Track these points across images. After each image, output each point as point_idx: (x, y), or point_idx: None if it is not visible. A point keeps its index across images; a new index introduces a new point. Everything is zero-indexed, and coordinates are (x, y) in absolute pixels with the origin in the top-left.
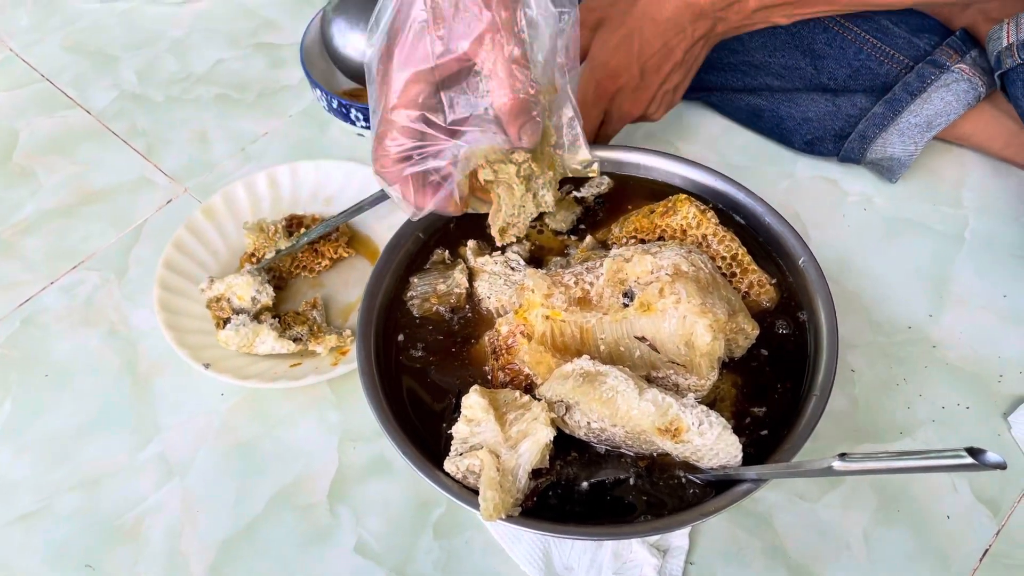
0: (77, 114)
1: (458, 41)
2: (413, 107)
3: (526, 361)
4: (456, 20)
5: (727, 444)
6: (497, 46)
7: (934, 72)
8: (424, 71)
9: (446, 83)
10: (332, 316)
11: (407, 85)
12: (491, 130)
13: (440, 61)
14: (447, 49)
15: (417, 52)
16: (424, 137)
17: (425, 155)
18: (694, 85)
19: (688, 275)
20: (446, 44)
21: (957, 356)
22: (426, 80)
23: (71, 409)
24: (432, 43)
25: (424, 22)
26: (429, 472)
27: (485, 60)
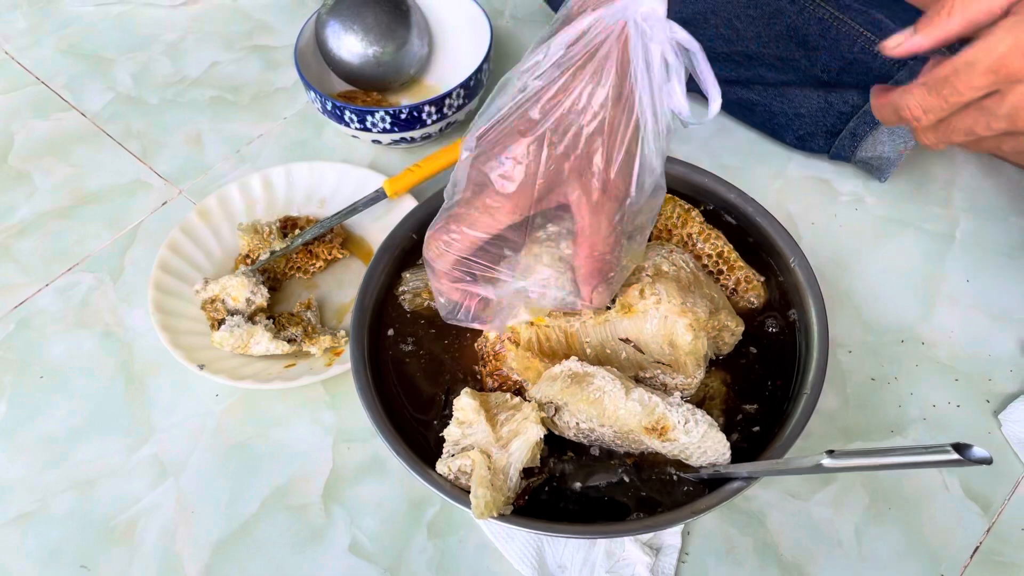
0: (72, 116)
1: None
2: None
3: (514, 367)
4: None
5: (714, 442)
6: (595, 196)
7: None
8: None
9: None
10: (326, 317)
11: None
12: (564, 276)
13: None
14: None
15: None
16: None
17: (483, 277)
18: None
19: (668, 275)
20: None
21: (947, 355)
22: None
23: (66, 410)
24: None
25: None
26: (422, 471)
27: (577, 205)
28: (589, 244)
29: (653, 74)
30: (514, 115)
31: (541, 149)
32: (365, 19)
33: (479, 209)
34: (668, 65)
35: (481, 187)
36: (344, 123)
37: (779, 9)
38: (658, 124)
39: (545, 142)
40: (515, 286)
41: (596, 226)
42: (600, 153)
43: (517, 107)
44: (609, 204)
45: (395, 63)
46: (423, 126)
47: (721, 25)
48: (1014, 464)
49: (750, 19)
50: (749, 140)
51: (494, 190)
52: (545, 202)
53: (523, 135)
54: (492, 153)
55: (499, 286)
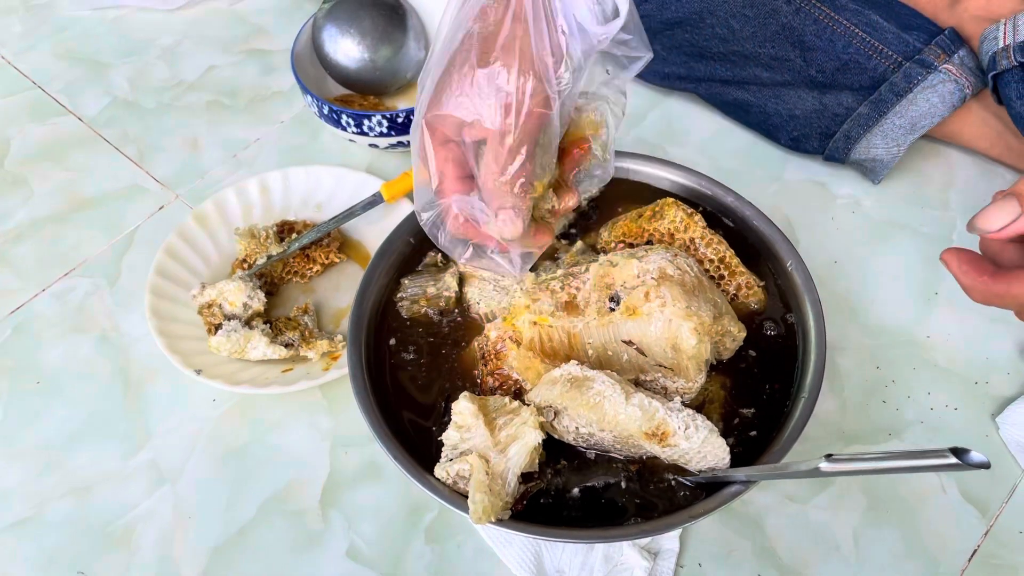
0: (69, 121)
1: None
2: (456, 191)
3: (514, 367)
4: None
5: (714, 447)
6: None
7: (921, 72)
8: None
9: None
10: (324, 321)
11: (444, 164)
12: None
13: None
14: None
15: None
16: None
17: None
18: (683, 75)
19: (673, 278)
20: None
21: (945, 358)
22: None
23: (62, 416)
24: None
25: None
26: (420, 476)
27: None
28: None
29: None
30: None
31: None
32: (362, 23)
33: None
34: None
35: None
36: (341, 127)
37: (775, 9)
38: (553, 33)
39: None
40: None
41: (495, 145)
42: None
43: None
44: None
45: (392, 67)
46: None
47: (718, 25)
48: (1011, 467)
49: (746, 19)
50: (746, 143)
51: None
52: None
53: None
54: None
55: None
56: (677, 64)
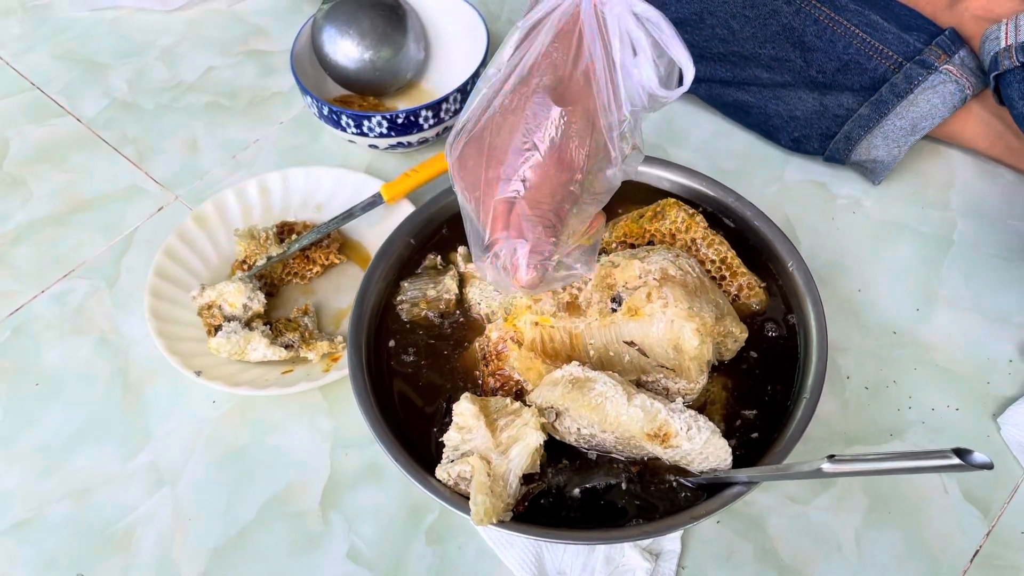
0: (67, 122)
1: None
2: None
3: (516, 367)
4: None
5: (716, 448)
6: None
7: (921, 73)
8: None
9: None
10: (324, 322)
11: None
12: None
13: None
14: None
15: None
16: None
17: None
18: None
19: (675, 279)
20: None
21: (946, 358)
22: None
23: (62, 418)
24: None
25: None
26: (421, 478)
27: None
28: (526, 200)
29: (612, 50)
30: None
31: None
32: (361, 24)
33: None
34: (632, 39)
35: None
36: (341, 128)
37: (775, 10)
38: (617, 100)
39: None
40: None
41: (539, 186)
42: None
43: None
44: (557, 174)
45: (391, 67)
46: (420, 131)
47: (718, 26)
48: (1013, 468)
49: (746, 19)
50: (747, 144)
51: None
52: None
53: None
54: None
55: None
56: None
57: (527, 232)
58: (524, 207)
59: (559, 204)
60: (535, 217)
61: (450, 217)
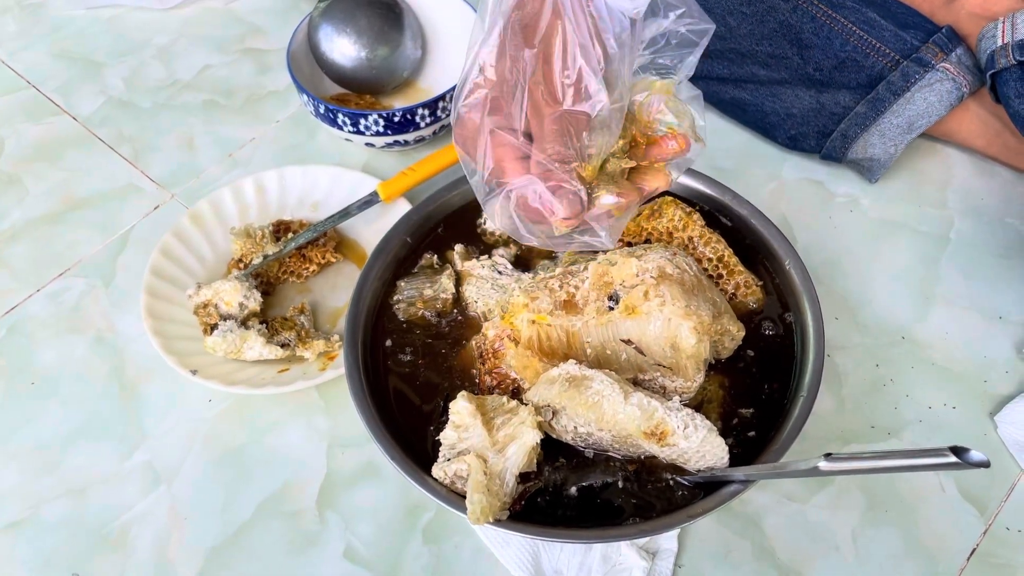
0: (64, 121)
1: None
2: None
3: (512, 365)
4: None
5: (713, 446)
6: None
7: (918, 71)
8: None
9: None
10: (320, 321)
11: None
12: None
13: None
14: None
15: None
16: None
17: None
18: None
19: (673, 277)
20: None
21: (943, 356)
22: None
23: (58, 417)
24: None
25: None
26: (417, 477)
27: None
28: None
29: None
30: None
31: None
32: (358, 22)
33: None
34: None
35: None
36: (337, 126)
37: (773, 6)
38: (586, 23)
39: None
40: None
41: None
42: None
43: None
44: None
45: (388, 66)
46: (416, 129)
47: (715, 22)
48: (1010, 466)
49: (743, 16)
50: (744, 142)
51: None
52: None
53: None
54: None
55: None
56: None
57: (541, 172)
58: (534, 151)
59: (565, 137)
60: (546, 160)
61: (447, 216)
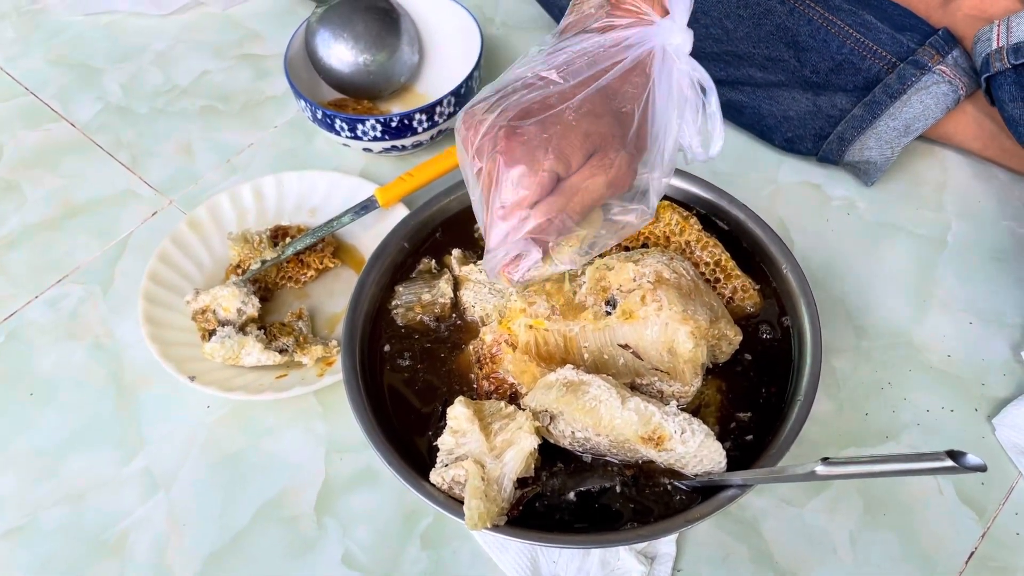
0: (62, 127)
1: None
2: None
3: (510, 370)
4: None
5: (710, 451)
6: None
7: (915, 73)
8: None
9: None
10: (318, 327)
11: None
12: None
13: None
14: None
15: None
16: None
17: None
18: None
19: (670, 282)
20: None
21: (940, 359)
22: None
23: (56, 423)
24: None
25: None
26: (415, 483)
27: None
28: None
29: (672, 98)
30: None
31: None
32: (355, 27)
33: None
34: (686, 99)
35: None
36: (335, 132)
37: (769, 9)
38: (665, 144)
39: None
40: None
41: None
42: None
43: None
44: (618, 173)
45: (385, 71)
46: (414, 134)
47: (712, 25)
48: (1008, 469)
49: (740, 19)
50: (741, 145)
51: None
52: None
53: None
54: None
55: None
56: None
57: (547, 234)
58: (564, 209)
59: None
60: (563, 221)
61: (445, 220)
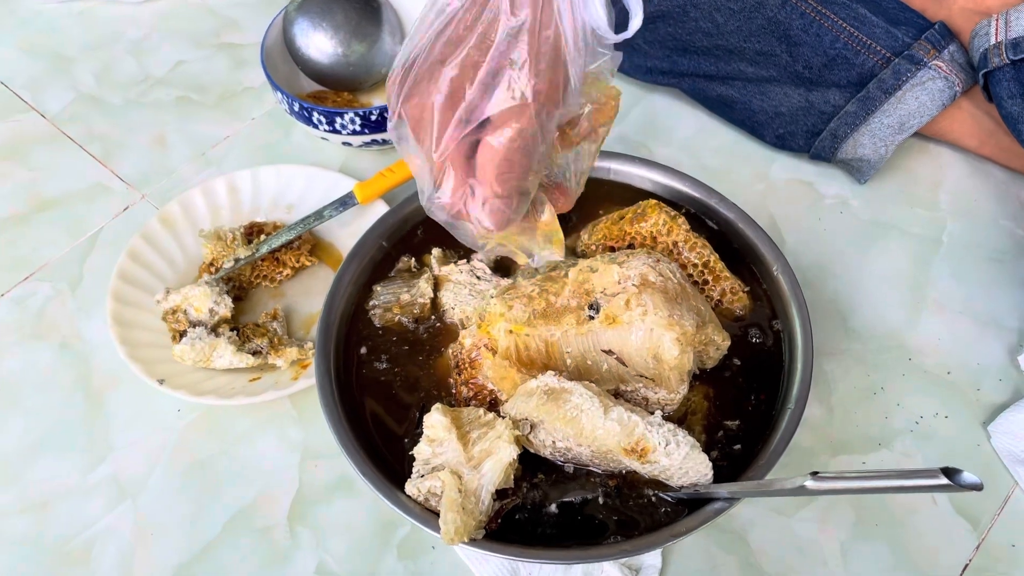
0: (31, 118)
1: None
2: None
3: (490, 376)
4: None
5: (696, 463)
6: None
7: (910, 69)
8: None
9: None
10: (294, 328)
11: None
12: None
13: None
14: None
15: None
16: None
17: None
18: (666, 69)
19: (655, 285)
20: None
21: (935, 363)
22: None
23: (19, 428)
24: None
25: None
26: (390, 494)
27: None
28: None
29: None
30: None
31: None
32: (334, 16)
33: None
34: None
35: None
36: (313, 125)
37: (761, 2)
38: (577, 38)
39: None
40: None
41: (510, 127)
42: (526, 56)
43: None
44: (527, 107)
45: (366, 62)
46: None
47: (702, 19)
48: (1003, 478)
49: (731, 12)
50: (731, 141)
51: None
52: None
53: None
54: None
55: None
56: (660, 58)
57: (490, 178)
58: (494, 151)
59: (531, 148)
60: (503, 162)
61: (425, 218)
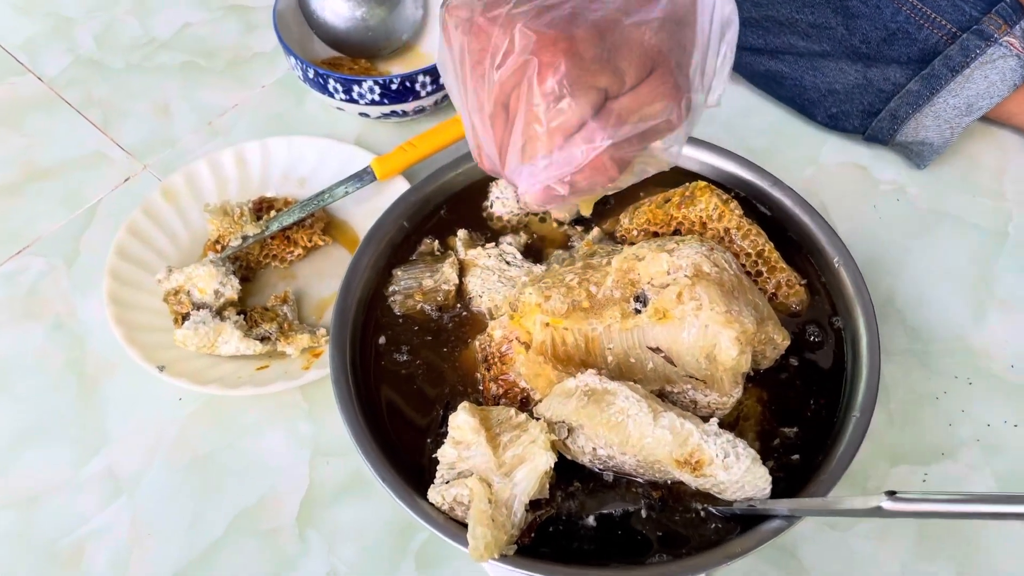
0: (27, 81)
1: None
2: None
3: (522, 373)
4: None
5: (755, 477)
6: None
7: (979, 45)
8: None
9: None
10: (305, 312)
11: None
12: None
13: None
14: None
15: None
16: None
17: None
18: None
19: (710, 277)
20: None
21: (1003, 367)
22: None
23: (8, 415)
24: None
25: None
26: (410, 500)
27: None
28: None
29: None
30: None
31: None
32: None
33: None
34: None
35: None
36: (328, 93)
37: None
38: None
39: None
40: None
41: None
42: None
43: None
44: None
45: (386, 27)
46: (416, 98)
47: None
48: None
49: None
50: (777, 120)
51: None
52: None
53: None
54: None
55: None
56: None
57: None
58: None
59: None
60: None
61: (449, 197)
